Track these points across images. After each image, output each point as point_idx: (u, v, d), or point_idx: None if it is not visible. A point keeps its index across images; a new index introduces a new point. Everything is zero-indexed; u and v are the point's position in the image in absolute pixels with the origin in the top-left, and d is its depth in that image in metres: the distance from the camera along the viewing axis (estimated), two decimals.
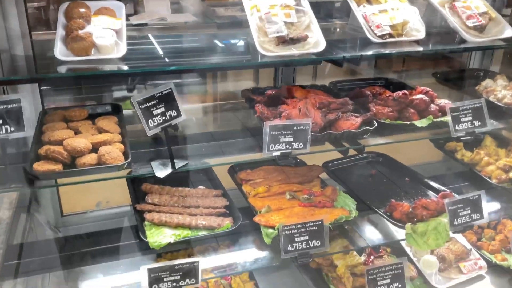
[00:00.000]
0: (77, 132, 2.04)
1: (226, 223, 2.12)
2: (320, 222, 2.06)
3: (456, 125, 2.28)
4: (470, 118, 2.30)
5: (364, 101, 2.58)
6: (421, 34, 2.29)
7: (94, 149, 1.91)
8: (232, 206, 2.28)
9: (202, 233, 2.08)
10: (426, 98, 2.44)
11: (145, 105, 1.86)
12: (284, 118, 2.22)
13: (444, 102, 2.48)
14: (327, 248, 2.07)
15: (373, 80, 3.02)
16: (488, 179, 2.68)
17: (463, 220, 2.25)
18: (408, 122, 2.35)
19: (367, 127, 2.22)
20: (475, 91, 2.87)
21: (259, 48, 2.02)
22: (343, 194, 2.46)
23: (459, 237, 2.84)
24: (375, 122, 2.27)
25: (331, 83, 2.88)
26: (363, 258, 2.55)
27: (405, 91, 2.44)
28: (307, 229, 2.05)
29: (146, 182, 2.38)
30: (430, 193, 2.62)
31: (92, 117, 2.18)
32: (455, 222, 2.24)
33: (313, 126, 2.14)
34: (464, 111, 2.29)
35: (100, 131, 2.05)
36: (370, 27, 2.26)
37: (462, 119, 2.29)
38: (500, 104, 2.62)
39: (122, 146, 1.96)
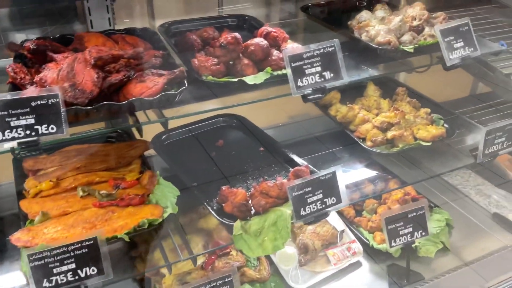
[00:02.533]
0: None
1: None
2: (92, 241, 1.39)
3: (299, 80, 1.63)
4: (319, 69, 1.65)
5: (190, 49, 1.88)
6: None
7: None
8: None
9: None
10: (264, 43, 1.76)
11: None
12: (38, 85, 1.48)
13: (293, 47, 1.82)
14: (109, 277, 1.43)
15: (224, 19, 2.30)
16: (361, 143, 2.12)
17: (313, 208, 1.67)
18: (236, 79, 1.67)
19: (172, 92, 1.53)
20: (348, 27, 2.22)
21: None
22: (164, 182, 1.80)
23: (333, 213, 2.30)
24: (185, 83, 1.57)
25: (162, 25, 2.13)
26: (200, 262, 1.94)
27: (236, 34, 1.75)
28: (72, 253, 1.38)
29: None
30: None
31: None
32: (302, 212, 1.66)
33: (80, 95, 1.42)
34: (310, 59, 1.64)
35: None
36: None
37: (307, 71, 1.64)
38: (372, 45, 1.99)
39: None
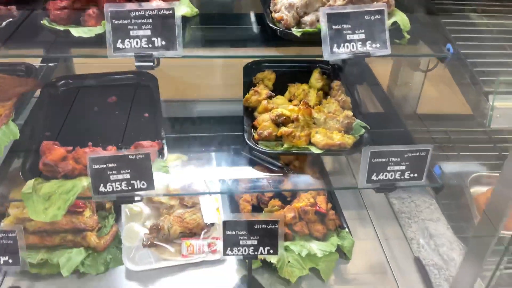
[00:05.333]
0: None
1: None
2: None
3: (119, 40, 1.41)
4: (148, 33, 1.42)
5: None
6: None
7: None
8: None
9: None
10: None
11: None
12: None
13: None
14: None
15: None
16: (246, 133, 1.82)
17: (116, 188, 1.49)
18: (63, 29, 1.51)
19: None
20: None
21: None
22: (12, 125, 1.74)
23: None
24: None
25: None
26: None
27: None
28: None
29: None
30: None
31: None
32: (102, 189, 1.48)
33: None
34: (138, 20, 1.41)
35: None
36: None
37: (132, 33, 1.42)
38: (267, 21, 1.65)
39: None
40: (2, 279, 1.81)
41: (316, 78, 2.12)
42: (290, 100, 2.02)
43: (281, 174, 1.82)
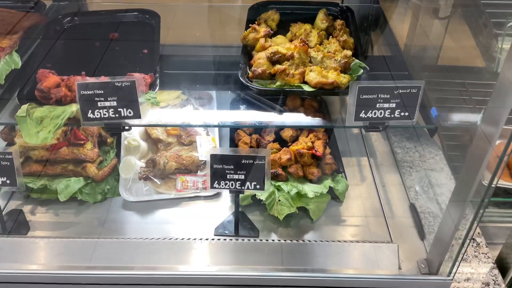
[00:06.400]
0: None
1: None
2: None
3: None
4: None
5: None
6: None
7: None
8: None
9: None
10: None
11: None
12: None
13: None
14: None
15: None
16: (240, 71, 1.80)
17: (103, 115, 1.52)
18: None
19: None
20: None
21: None
22: (16, 55, 1.81)
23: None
24: None
25: None
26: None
27: None
28: None
29: None
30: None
31: None
32: (90, 115, 1.52)
33: None
34: None
35: None
36: None
37: None
38: None
39: None
40: (7, 203, 1.92)
41: (321, 19, 2.06)
42: (291, 41, 1.98)
43: (272, 112, 1.80)
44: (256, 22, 2.07)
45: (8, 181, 1.66)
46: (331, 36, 1.97)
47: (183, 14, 2.40)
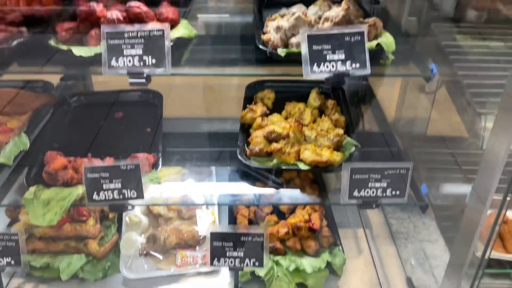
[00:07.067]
0: None
1: None
2: None
3: (113, 58, 1.53)
4: (140, 52, 1.53)
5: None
6: None
7: None
8: None
9: None
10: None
11: None
12: None
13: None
14: None
15: None
16: (238, 149, 1.89)
17: (108, 196, 1.59)
18: (66, 48, 1.64)
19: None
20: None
21: None
22: (24, 136, 1.90)
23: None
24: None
25: None
26: None
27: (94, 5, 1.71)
28: None
29: None
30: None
31: None
32: (95, 197, 1.59)
33: None
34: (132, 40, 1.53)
35: None
36: None
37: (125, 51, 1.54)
38: (257, 43, 1.74)
39: None
40: (8, 281, 1.93)
41: (313, 98, 2.19)
42: (286, 118, 2.09)
43: (271, 189, 1.88)
44: (253, 101, 2.20)
45: (12, 262, 1.69)
46: (323, 115, 2.09)
47: (184, 91, 2.53)
